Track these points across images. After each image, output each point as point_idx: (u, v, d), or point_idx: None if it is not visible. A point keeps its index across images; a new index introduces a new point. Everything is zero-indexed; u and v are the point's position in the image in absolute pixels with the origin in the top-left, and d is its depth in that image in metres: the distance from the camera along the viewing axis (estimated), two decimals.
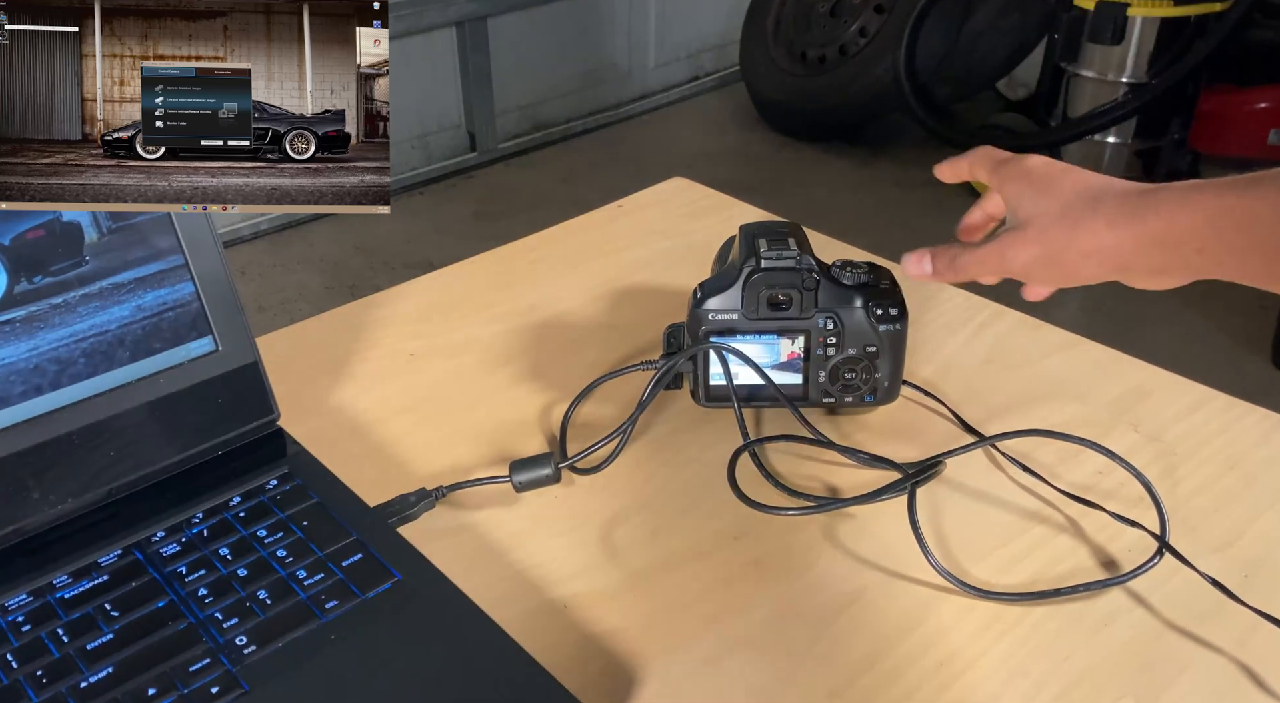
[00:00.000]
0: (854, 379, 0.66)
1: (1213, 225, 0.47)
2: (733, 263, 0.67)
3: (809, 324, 0.65)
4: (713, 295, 0.65)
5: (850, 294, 0.65)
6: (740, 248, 0.68)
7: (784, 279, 0.64)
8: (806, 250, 0.66)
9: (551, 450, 0.66)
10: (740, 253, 0.67)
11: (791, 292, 0.64)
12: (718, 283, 0.65)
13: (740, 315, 0.65)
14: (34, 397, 0.54)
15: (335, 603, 0.52)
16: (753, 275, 0.64)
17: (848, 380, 0.66)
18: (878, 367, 0.66)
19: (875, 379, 0.66)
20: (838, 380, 0.66)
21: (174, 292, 0.58)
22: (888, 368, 0.66)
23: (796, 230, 0.69)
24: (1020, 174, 0.58)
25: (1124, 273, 0.53)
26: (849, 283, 0.65)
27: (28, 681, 0.49)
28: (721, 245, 0.74)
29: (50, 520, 0.56)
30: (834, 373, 0.66)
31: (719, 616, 0.56)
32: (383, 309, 0.82)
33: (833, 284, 0.65)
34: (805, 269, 0.64)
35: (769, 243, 0.65)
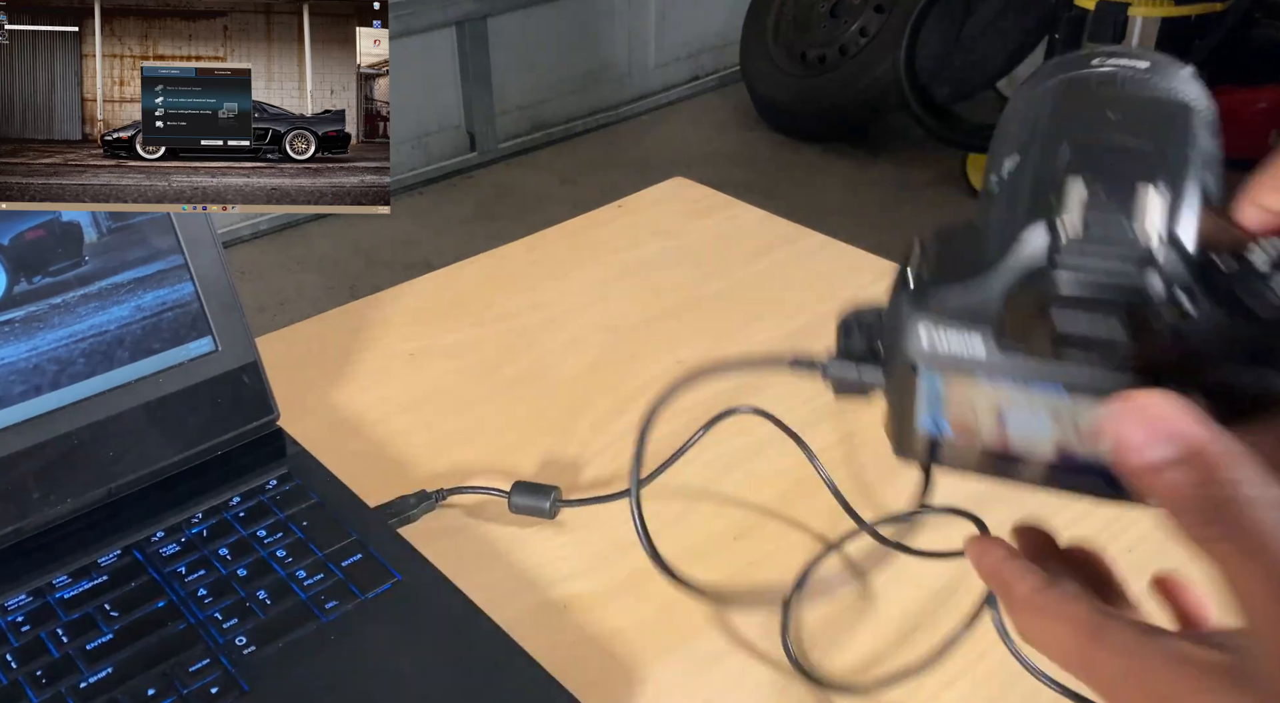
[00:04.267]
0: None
1: None
2: (1000, 220, 0.31)
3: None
4: (949, 287, 0.30)
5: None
6: (1027, 179, 0.31)
7: (1105, 305, 0.28)
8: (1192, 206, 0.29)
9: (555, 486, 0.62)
10: (1022, 196, 0.30)
11: (1116, 326, 0.28)
12: (964, 254, 0.31)
13: (990, 349, 0.30)
14: (33, 397, 0.54)
15: (335, 603, 0.52)
16: (1035, 286, 0.29)
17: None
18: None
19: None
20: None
21: (173, 292, 0.58)
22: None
23: (1182, 140, 0.30)
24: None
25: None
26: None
27: (27, 681, 0.48)
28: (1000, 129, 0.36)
29: (50, 521, 0.56)
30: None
31: (719, 615, 0.56)
32: (382, 309, 0.82)
33: (1228, 304, 0.28)
34: (1159, 279, 0.28)
35: (1102, 194, 0.29)
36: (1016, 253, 0.29)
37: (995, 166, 0.33)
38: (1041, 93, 0.34)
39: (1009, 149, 0.33)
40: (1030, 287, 0.29)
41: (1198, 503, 0.26)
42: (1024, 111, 0.34)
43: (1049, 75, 0.34)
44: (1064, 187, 0.29)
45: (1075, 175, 0.29)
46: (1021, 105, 0.34)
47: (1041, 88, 0.34)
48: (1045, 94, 0.33)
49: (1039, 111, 0.33)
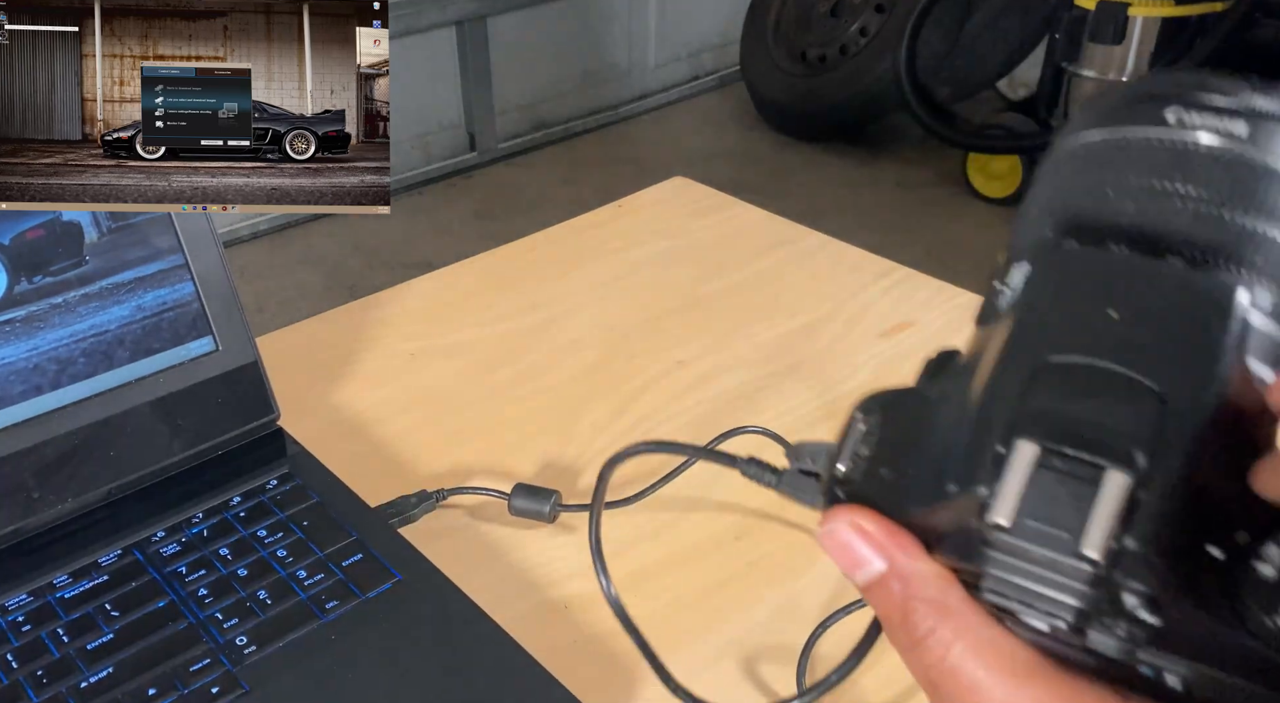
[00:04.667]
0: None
1: None
2: (944, 431, 0.26)
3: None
4: (876, 498, 0.27)
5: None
6: (980, 387, 0.25)
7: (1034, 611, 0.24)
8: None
9: (555, 490, 0.62)
10: (967, 417, 0.25)
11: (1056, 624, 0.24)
12: (903, 451, 0.27)
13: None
14: (34, 397, 0.54)
15: (335, 603, 0.52)
16: (964, 553, 0.25)
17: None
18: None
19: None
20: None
21: (174, 291, 0.58)
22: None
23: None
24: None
25: None
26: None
27: (28, 681, 0.48)
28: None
29: (50, 520, 0.56)
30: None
31: (719, 616, 0.56)
32: (383, 309, 0.82)
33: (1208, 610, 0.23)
34: (1100, 599, 0.23)
35: (1051, 478, 0.23)
36: (943, 512, 0.25)
37: (1001, 274, 0.28)
38: (1068, 180, 0.28)
39: (1018, 255, 0.27)
40: (958, 550, 0.25)
41: (893, 626, 0.26)
42: (1044, 199, 0.28)
43: (1100, 127, 0.27)
44: (1010, 448, 0.23)
45: (1028, 435, 0.23)
46: (1048, 187, 0.28)
47: (1071, 169, 0.28)
48: (1070, 189, 0.27)
49: (1050, 214, 0.27)
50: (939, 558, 0.25)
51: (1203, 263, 0.25)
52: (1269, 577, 0.22)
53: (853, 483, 0.27)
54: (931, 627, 0.25)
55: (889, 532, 0.26)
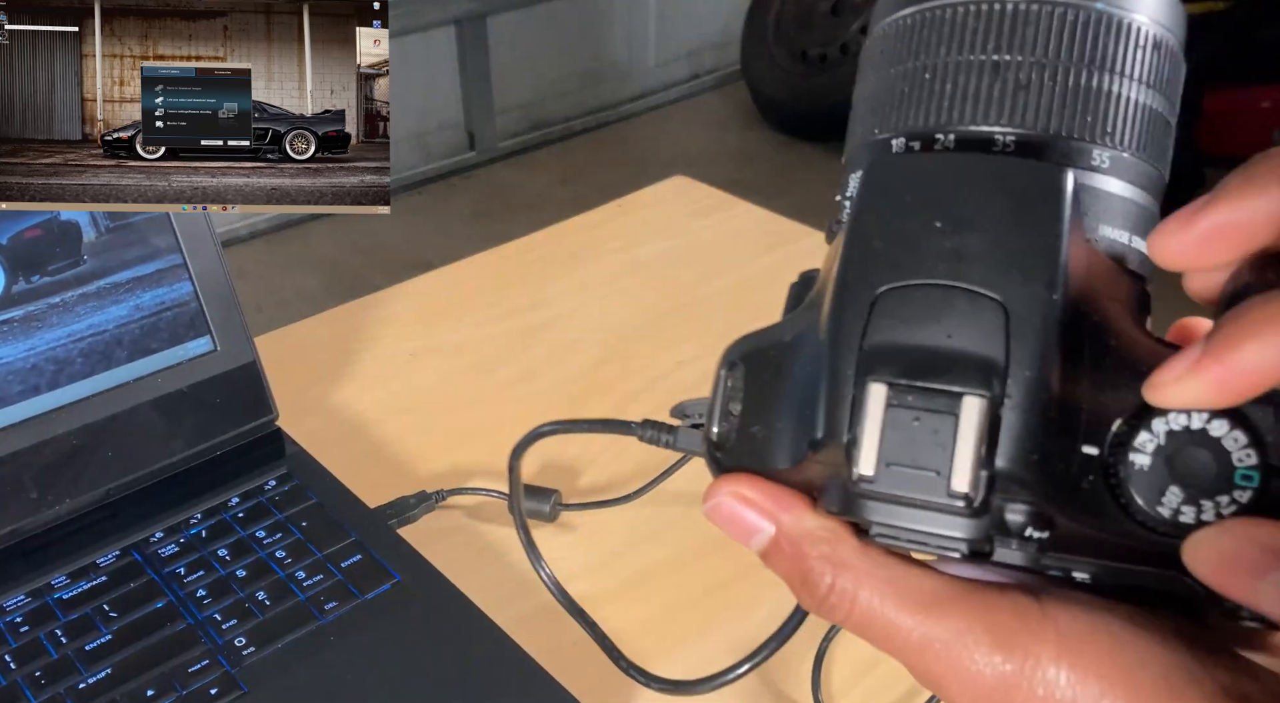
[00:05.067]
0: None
1: None
2: (803, 374, 0.25)
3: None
4: (748, 455, 0.26)
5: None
6: (827, 323, 0.24)
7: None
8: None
9: (555, 490, 0.62)
10: (820, 358, 0.24)
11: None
12: (771, 400, 0.26)
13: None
14: (32, 397, 0.54)
15: (334, 604, 0.52)
16: (841, 504, 0.24)
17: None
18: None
19: None
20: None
21: (172, 291, 0.58)
22: None
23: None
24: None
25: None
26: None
27: (26, 682, 0.48)
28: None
29: (48, 521, 0.56)
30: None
31: (720, 617, 0.56)
32: (382, 309, 0.82)
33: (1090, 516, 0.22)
34: (976, 530, 0.23)
35: (907, 417, 0.22)
36: (815, 465, 0.24)
37: (842, 186, 0.27)
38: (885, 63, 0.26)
39: (852, 161, 0.27)
40: (838, 502, 0.24)
41: (797, 587, 0.25)
42: (867, 93, 0.27)
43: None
44: (862, 392, 0.22)
45: (876, 375, 0.22)
46: (868, 78, 0.27)
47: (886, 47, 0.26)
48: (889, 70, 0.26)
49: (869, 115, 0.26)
50: (825, 511, 0.25)
51: (1033, 139, 0.24)
52: (1145, 464, 0.21)
53: (728, 445, 0.26)
54: (830, 582, 0.24)
55: (771, 495, 0.25)
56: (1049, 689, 0.22)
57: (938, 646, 0.23)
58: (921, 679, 0.24)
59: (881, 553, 0.24)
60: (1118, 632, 0.22)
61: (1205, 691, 0.21)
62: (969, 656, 0.22)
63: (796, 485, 0.25)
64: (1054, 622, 0.22)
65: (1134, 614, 0.23)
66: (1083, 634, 0.22)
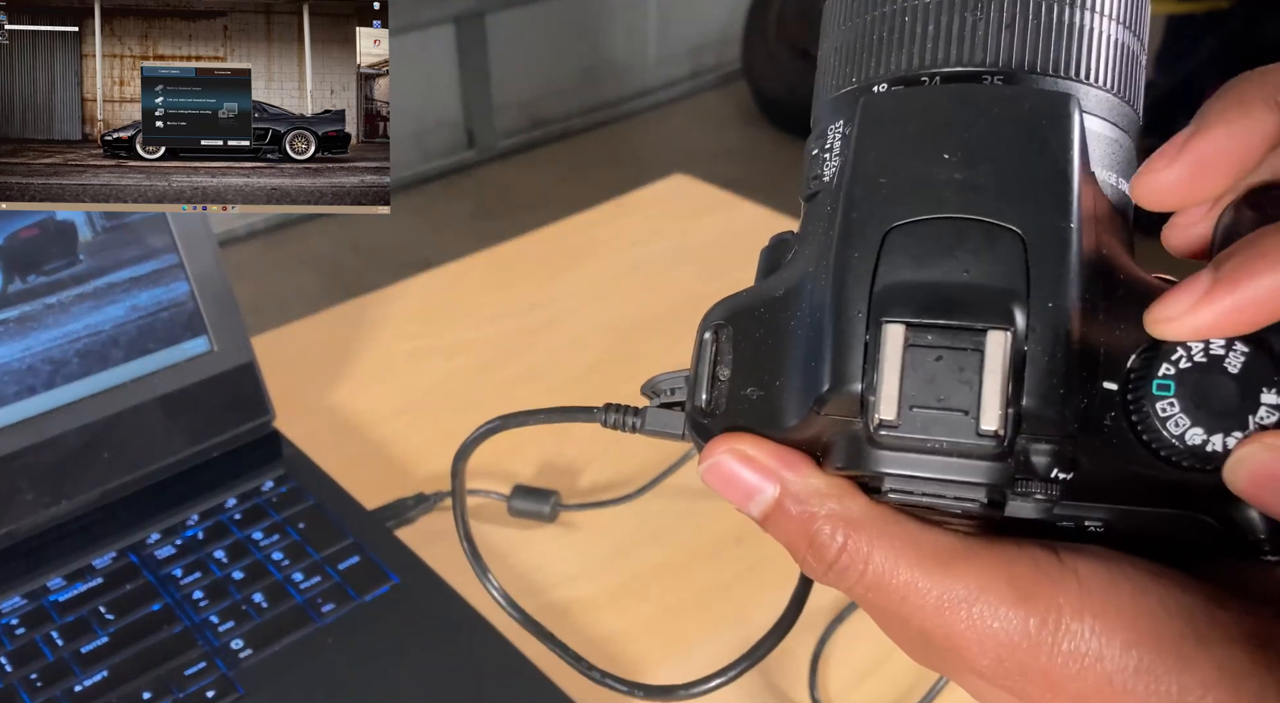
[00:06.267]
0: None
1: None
2: (803, 328, 0.24)
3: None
4: (743, 418, 0.25)
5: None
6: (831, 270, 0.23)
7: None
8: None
9: (555, 490, 0.62)
10: (823, 303, 0.23)
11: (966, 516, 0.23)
12: (763, 362, 0.24)
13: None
14: (28, 397, 0.54)
15: (332, 606, 0.52)
16: (852, 459, 0.23)
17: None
18: None
19: None
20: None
21: (169, 291, 0.58)
22: None
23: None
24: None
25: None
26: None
27: (22, 684, 0.48)
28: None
29: (44, 523, 0.55)
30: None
31: (720, 620, 0.55)
32: (379, 309, 0.82)
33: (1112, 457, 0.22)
34: (1005, 477, 0.22)
35: (928, 357, 0.21)
36: (823, 419, 0.22)
37: (819, 140, 0.26)
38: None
39: (830, 114, 0.26)
40: (849, 457, 0.22)
41: (802, 553, 0.24)
42: (842, 46, 0.26)
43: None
44: (878, 334, 0.21)
45: (892, 315, 0.21)
46: (840, 32, 0.26)
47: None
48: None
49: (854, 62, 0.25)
50: (832, 470, 0.23)
51: (1020, 78, 0.23)
52: (1167, 397, 0.21)
53: (719, 412, 0.24)
54: (841, 543, 0.23)
55: (774, 453, 0.23)
56: (1074, 643, 0.21)
57: (958, 604, 0.22)
58: (939, 643, 0.23)
59: (892, 512, 0.23)
60: (1138, 579, 0.21)
61: (1230, 634, 0.21)
62: (991, 612, 0.21)
63: (797, 447, 0.24)
64: (1074, 572, 0.21)
65: (1151, 565, 0.22)
66: (1104, 583, 0.21)
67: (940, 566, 0.22)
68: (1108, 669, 0.21)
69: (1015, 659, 0.21)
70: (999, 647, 0.21)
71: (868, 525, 0.23)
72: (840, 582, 0.23)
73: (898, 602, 0.22)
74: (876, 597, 0.23)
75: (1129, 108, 0.24)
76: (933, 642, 0.23)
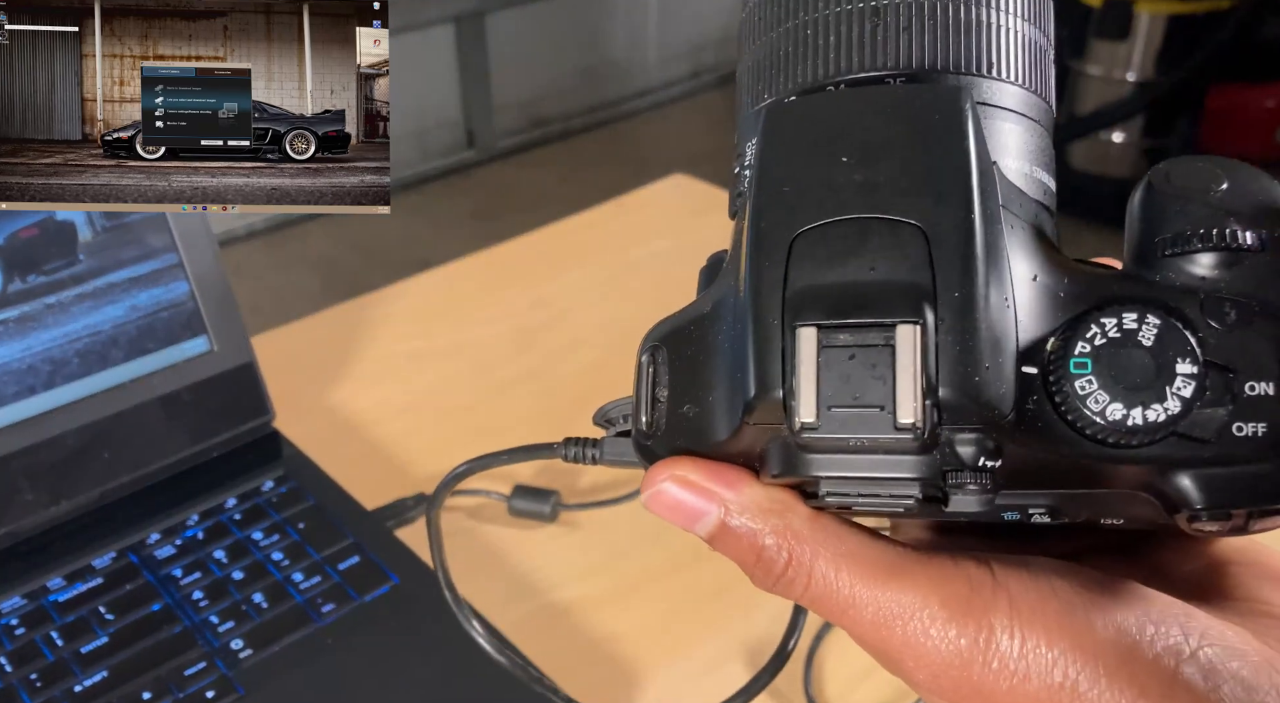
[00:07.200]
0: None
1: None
2: (729, 339, 0.24)
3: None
4: (676, 441, 0.25)
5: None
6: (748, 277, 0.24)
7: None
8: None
9: (555, 490, 0.62)
10: (742, 312, 0.24)
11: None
12: (698, 379, 0.25)
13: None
14: (27, 397, 0.54)
15: (332, 606, 0.52)
16: (783, 467, 0.23)
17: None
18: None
19: None
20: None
21: (169, 291, 0.58)
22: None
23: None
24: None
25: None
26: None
27: (22, 684, 0.48)
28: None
29: (44, 523, 0.55)
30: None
31: (721, 620, 0.55)
32: (380, 308, 0.82)
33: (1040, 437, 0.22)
34: (928, 468, 0.22)
35: (840, 356, 0.21)
36: (752, 429, 0.22)
37: (739, 159, 0.26)
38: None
39: (746, 132, 0.26)
40: (782, 464, 0.23)
41: (750, 567, 0.24)
42: (750, 63, 0.27)
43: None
44: (792, 339, 0.21)
45: (804, 319, 0.21)
46: (751, 47, 0.27)
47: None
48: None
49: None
50: (769, 480, 0.23)
51: (922, 78, 0.23)
52: (1085, 376, 0.21)
53: (659, 433, 0.24)
54: (786, 557, 0.23)
55: (712, 473, 0.24)
56: (1003, 661, 0.22)
57: (893, 619, 0.22)
58: (878, 656, 0.23)
59: (834, 522, 0.23)
60: (1068, 596, 0.22)
61: (1154, 649, 0.21)
62: (924, 629, 0.22)
63: (736, 459, 0.24)
64: (1006, 590, 0.22)
65: (1085, 577, 0.22)
66: (1034, 601, 0.22)
67: (879, 579, 0.23)
68: (1035, 686, 0.21)
69: (949, 676, 0.22)
70: (933, 663, 0.22)
71: (809, 537, 0.23)
72: (788, 593, 0.24)
73: (839, 613, 0.23)
74: (821, 608, 0.23)
75: (1039, 98, 0.25)
76: (873, 654, 0.23)
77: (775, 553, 0.23)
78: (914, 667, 0.22)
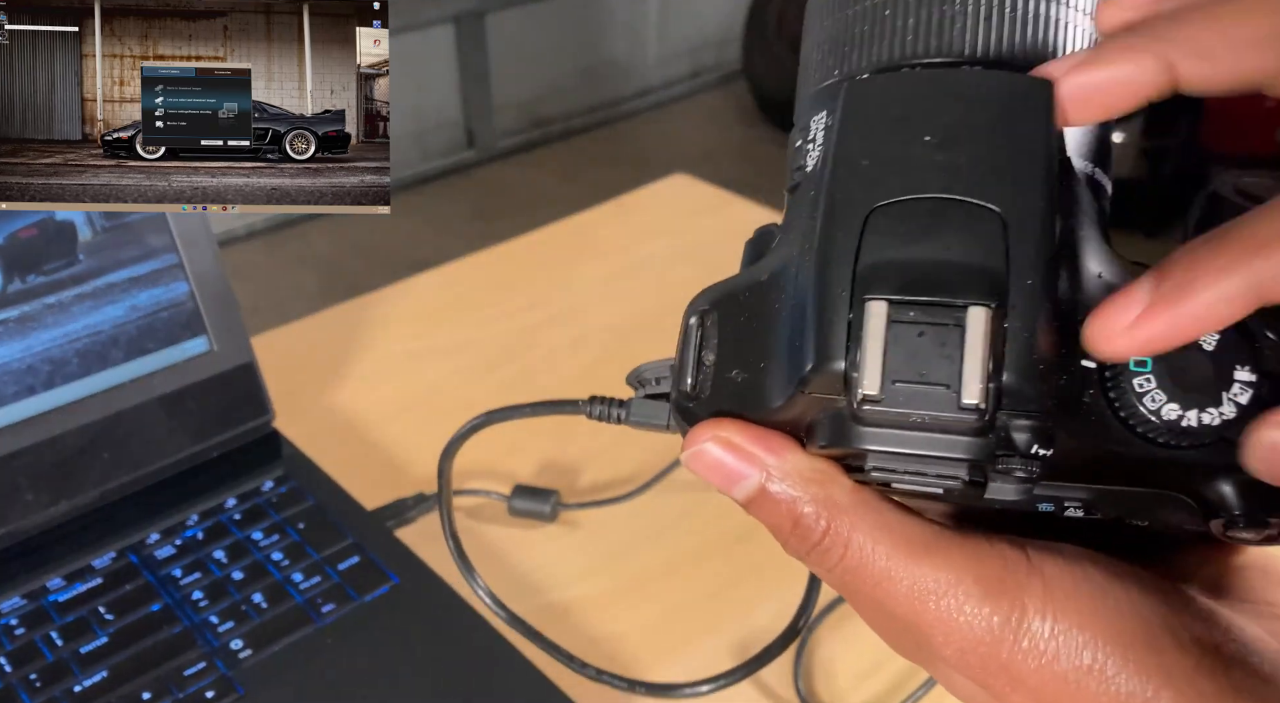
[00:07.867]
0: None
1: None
2: (788, 310, 0.24)
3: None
4: (727, 403, 0.25)
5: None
6: (816, 252, 0.23)
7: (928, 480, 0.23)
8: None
9: (555, 490, 0.62)
10: (807, 284, 0.23)
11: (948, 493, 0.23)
12: (748, 347, 0.24)
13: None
14: (27, 397, 0.54)
15: (332, 607, 0.52)
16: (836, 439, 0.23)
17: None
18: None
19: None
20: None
21: (168, 291, 0.58)
22: None
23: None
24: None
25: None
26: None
27: (21, 685, 0.48)
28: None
29: (44, 523, 0.55)
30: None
31: (722, 620, 0.55)
32: (379, 308, 0.82)
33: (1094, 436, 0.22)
34: (989, 451, 0.22)
35: (910, 332, 0.21)
36: (806, 399, 0.22)
37: (802, 133, 0.26)
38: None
39: (813, 106, 0.26)
40: (832, 435, 0.22)
41: (786, 535, 0.24)
42: (824, 42, 0.27)
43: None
44: (860, 312, 0.21)
45: (875, 293, 0.21)
46: (822, 29, 0.27)
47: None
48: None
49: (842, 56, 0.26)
50: (815, 450, 0.23)
51: (998, 62, 0.24)
52: (1143, 376, 0.21)
53: (704, 396, 0.24)
54: (824, 526, 0.23)
55: (756, 437, 0.24)
56: (1034, 641, 0.22)
57: (928, 594, 0.22)
58: (908, 630, 0.23)
59: (874, 496, 0.24)
60: (1101, 582, 0.22)
61: (1180, 639, 0.22)
62: (958, 606, 0.22)
63: (782, 427, 0.24)
64: (1040, 572, 0.22)
65: (1115, 566, 0.23)
66: (1067, 585, 0.22)
67: (915, 554, 0.23)
68: (1064, 667, 0.22)
69: (978, 652, 0.22)
70: (964, 639, 0.22)
71: (850, 509, 0.23)
72: (821, 564, 0.24)
73: (872, 586, 0.23)
74: (853, 580, 0.23)
75: None
76: (905, 628, 0.23)
77: (813, 521, 0.23)
78: (943, 642, 0.23)
